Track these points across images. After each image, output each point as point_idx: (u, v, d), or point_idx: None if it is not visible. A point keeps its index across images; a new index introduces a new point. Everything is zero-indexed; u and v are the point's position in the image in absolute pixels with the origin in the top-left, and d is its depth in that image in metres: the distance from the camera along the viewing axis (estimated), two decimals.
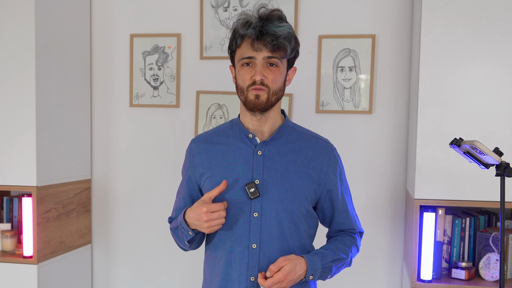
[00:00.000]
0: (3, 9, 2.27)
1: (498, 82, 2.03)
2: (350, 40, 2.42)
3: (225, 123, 1.58)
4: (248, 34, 1.40)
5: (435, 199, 2.09)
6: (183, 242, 1.48)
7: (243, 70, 1.43)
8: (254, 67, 1.41)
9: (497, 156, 1.49)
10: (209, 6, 2.53)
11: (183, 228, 1.45)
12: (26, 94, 2.27)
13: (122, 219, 2.72)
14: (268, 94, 1.41)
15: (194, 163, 1.52)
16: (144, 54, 2.62)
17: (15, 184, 2.31)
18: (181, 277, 2.67)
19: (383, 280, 2.51)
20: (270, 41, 1.37)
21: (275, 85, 1.42)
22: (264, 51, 1.39)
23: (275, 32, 1.37)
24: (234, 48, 1.46)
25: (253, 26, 1.39)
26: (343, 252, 1.49)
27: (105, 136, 2.72)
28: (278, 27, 1.38)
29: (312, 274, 1.42)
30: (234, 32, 1.45)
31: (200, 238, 1.53)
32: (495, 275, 2.13)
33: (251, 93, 1.41)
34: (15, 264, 2.31)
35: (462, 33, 2.04)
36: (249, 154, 1.47)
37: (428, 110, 2.07)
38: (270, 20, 1.40)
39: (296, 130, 1.54)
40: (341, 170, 1.55)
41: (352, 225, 1.57)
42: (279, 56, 1.40)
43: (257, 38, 1.38)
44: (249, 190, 1.40)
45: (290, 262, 1.39)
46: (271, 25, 1.39)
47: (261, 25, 1.39)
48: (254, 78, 1.40)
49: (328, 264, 1.45)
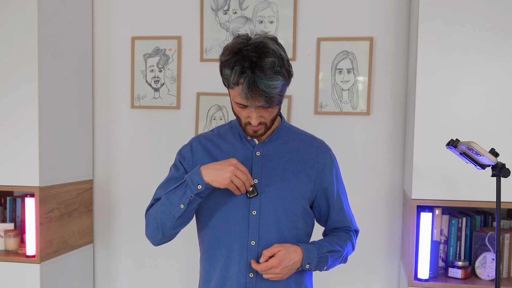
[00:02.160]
0: (6, 12, 2.28)
1: (494, 84, 2.05)
2: (348, 43, 2.44)
3: (224, 125, 1.60)
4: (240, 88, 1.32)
5: (432, 199, 2.10)
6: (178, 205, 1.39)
7: (237, 108, 1.41)
8: (249, 111, 1.39)
9: (493, 157, 1.51)
10: (209, 9, 2.56)
11: (192, 181, 1.37)
12: (29, 96, 2.28)
13: (124, 219, 2.73)
14: (266, 126, 1.44)
15: (193, 160, 1.53)
16: (145, 56, 2.64)
17: (18, 184, 2.32)
18: (182, 276, 2.69)
19: (380, 279, 2.52)
20: (263, 99, 1.33)
21: (270, 118, 1.43)
22: (258, 104, 1.35)
23: (267, 92, 1.31)
24: (226, 84, 1.38)
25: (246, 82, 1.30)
26: (339, 245, 1.51)
27: (107, 137, 2.74)
28: (270, 84, 1.30)
29: (308, 263, 1.44)
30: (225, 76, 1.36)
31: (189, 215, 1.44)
32: (491, 274, 2.14)
33: (248, 129, 1.44)
34: (18, 263, 2.32)
35: (458, 35, 2.05)
36: (248, 154, 1.50)
37: (425, 111, 2.09)
38: (262, 72, 1.30)
39: (293, 131, 1.57)
40: (336, 170, 1.58)
41: (347, 223, 1.59)
42: (274, 105, 1.38)
43: (250, 94, 1.31)
44: (248, 189, 1.42)
45: (284, 248, 1.40)
46: (263, 81, 1.30)
47: (253, 78, 1.30)
48: (250, 122, 1.40)
49: (324, 254, 1.46)
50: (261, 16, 2.50)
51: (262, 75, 1.29)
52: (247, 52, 1.31)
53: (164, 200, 1.42)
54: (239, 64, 1.30)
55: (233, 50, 1.33)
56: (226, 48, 1.36)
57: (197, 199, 1.40)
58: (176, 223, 1.42)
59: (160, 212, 1.43)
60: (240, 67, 1.30)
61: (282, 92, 1.36)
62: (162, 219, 1.43)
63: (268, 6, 2.50)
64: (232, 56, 1.33)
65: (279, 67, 1.32)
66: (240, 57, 1.31)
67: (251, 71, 1.29)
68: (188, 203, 1.38)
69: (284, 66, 1.35)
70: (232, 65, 1.32)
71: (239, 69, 1.30)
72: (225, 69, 1.34)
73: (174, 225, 1.42)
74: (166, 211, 1.41)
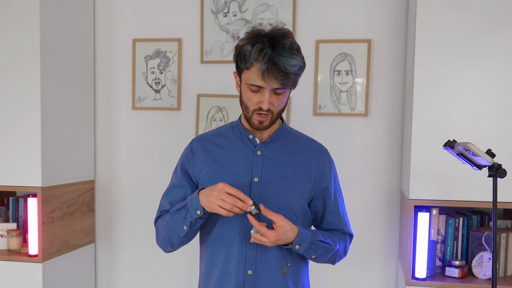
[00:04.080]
0: (9, 14, 2.29)
1: (490, 86, 2.06)
2: (346, 45, 2.46)
3: (225, 125, 1.62)
4: (260, 65, 1.36)
5: (429, 199, 2.12)
6: (181, 226, 1.43)
7: (249, 93, 1.43)
8: (262, 94, 1.41)
9: (489, 158, 1.52)
10: (210, 12, 2.58)
11: (192, 206, 1.40)
12: (31, 97, 2.29)
13: (125, 219, 2.75)
14: (272, 117, 1.46)
15: (194, 160, 1.55)
16: (146, 58, 2.66)
17: (21, 184, 2.33)
18: (182, 275, 2.70)
19: (378, 278, 2.54)
20: (280, 77, 1.36)
21: (279, 108, 1.46)
22: (274, 84, 1.38)
23: (286, 69, 1.35)
24: (242, 67, 1.42)
25: (266, 59, 1.34)
26: (332, 241, 1.52)
27: (108, 138, 2.76)
28: (290, 62, 1.35)
29: (299, 244, 1.43)
30: (244, 54, 1.40)
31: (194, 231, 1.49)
32: (487, 273, 2.16)
33: (255, 117, 1.45)
34: (21, 262, 2.33)
35: (455, 38, 2.07)
36: (249, 153, 1.52)
37: (423, 112, 2.10)
38: (282, 50, 1.35)
39: (293, 134, 1.60)
40: (334, 173, 1.60)
41: (342, 226, 1.60)
42: (287, 87, 1.41)
43: (268, 71, 1.35)
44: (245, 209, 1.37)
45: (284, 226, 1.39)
46: (283, 58, 1.34)
47: (273, 56, 1.34)
48: (261, 106, 1.41)
49: (316, 242, 1.46)
50: (261, 19, 2.53)
51: (282, 53, 1.35)
52: (269, 32, 1.39)
53: (169, 219, 1.48)
54: (261, 41, 1.37)
55: (253, 34, 1.40)
56: (245, 34, 1.43)
57: (198, 221, 1.45)
58: (182, 240, 1.49)
59: (167, 230, 1.49)
60: (261, 44, 1.36)
61: (297, 74, 1.40)
62: (169, 237, 1.50)
63: (268, 8, 2.52)
64: (253, 37, 1.39)
65: (297, 51, 1.39)
66: (262, 37, 1.38)
67: (272, 48, 1.35)
68: (190, 226, 1.44)
69: (300, 53, 1.41)
70: (253, 43, 1.38)
71: (261, 46, 1.36)
72: (246, 46, 1.39)
73: (180, 241, 1.49)
74: (172, 230, 1.47)
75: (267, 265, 1.49)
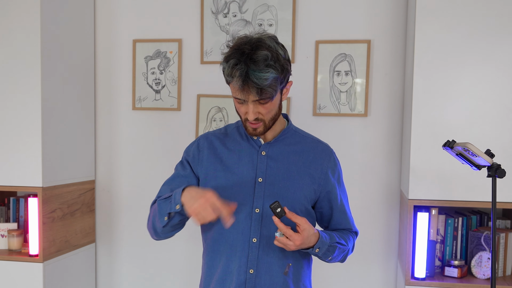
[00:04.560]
0: (10, 15, 2.30)
1: (489, 86, 2.07)
2: (346, 45, 2.47)
3: (231, 124, 1.63)
4: (234, 80, 1.37)
5: (429, 199, 2.12)
6: (162, 216, 1.42)
7: (237, 104, 1.45)
8: (246, 106, 1.42)
9: (488, 158, 1.52)
10: (210, 12, 2.58)
11: (174, 199, 1.39)
12: (32, 98, 2.30)
13: (125, 219, 2.76)
14: (265, 124, 1.46)
15: (199, 157, 1.55)
16: (146, 58, 2.67)
17: (22, 185, 2.34)
18: (182, 274, 2.71)
19: (378, 277, 2.55)
20: (255, 91, 1.36)
21: (269, 115, 1.45)
22: (252, 97, 1.39)
23: (257, 84, 1.35)
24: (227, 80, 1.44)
25: (239, 74, 1.35)
26: (345, 241, 1.55)
27: (109, 138, 2.76)
28: (261, 76, 1.34)
29: (319, 247, 1.44)
30: (223, 70, 1.42)
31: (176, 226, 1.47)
32: (486, 273, 2.16)
33: (248, 126, 1.46)
34: (22, 262, 2.34)
35: (454, 38, 2.07)
36: (254, 154, 1.52)
37: (422, 113, 2.11)
38: (255, 63, 1.35)
39: (299, 134, 1.60)
40: (339, 173, 1.60)
41: (349, 225, 1.63)
42: (266, 98, 1.40)
43: (243, 86, 1.36)
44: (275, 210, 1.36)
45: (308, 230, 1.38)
46: (255, 73, 1.34)
47: (246, 71, 1.34)
48: (247, 117, 1.43)
49: (334, 244, 1.48)
50: (261, 19, 2.54)
51: (255, 67, 1.34)
52: (244, 46, 1.38)
53: (156, 206, 1.47)
54: (235, 57, 1.37)
55: (234, 47, 1.40)
56: (229, 47, 1.43)
57: (177, 216, 1.42)
58: (163, 230, 1.47)
59: (153, 216, 1.49)
60: (235, 60, 1.36)
61: (274, 86, 1.38)
62: (153, 222, 1.49)
63: (268, 9, 2.53)
64: (231, 52, 1.39)
65: (272, 61, 1.37)
66: (237, 51, 1.38)
67: (245, 63, 1.35)
68: (170, 218, 1.42)
69: (278, 61, 1.38)
70: (228, 59, 1.39)
71: (233, 62, 1.36)
72: (223, 63, 1.41)
73: (162, 231, 1.48)
74: (156, 217, 1.47)
75: (269, 264, 1.49)
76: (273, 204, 1.36)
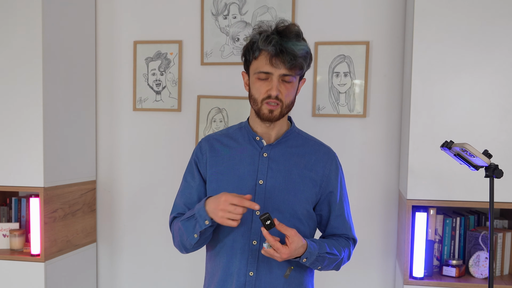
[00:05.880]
0: (12, 17, 2.32)
1: (487, 87, 2.08)
2: (345, 47, 2.49)
3: (233, 126, 1.63)
4: (268, 50, 1.40)
5: (427, 199, 2.13)
6: (192, 235, 1.43)
7: (258, 83, 1.45)
8: (270, 82, 1.43)
9: (486, 158, 1.52)
10: (210, 14, 2.60)
11: (200, 216, 1.40)
12: (34, 99, 2.31)
13: (126, 219, 2.77)
14: (282, 108, 1.46)
15: (203, 159, 1.56)
16: (147, 60, 2.69)
17: (23, 185, 2.35)
18: (183, 274, 2.72)
19: (376, 277, 2.55)
20: (288, 60, 1.39)
21: (288, 99, 1.46)
22: (282, 69, 1.41)
23: (293, 52, 1.39)
24: (251, 58, 1.47)
25: (274, 43, 1.39)
26: (337, 250, 1.52)
27: (110, 139, 2.77)
28: (297, 46, 1.39)
29: (306, 257, 1.43)
30: (252, 44, 1.45)
31: (207, 237, 1.50)
32: (484, 273, 2.17)
33: (265, 107, 1.45)
34: (23, 262, 2.35)
35: (452, 40, 2.08)
36: (255, 155, 1.52)
37: (420, 114, 2.12)
38: (289, 37, 1.41)
39: (302, 136, 1.59)
40: (341, 177, 1.59)
41: (346, 231, 1.60)
42: (294, 73, 1.43)
43: (276, 55, 1.39)
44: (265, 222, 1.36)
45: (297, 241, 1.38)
46: (290, 43, 1.39)
47: (280, 41, 1.39)
48: (270, 93, 1.43)
49: (323, 254, 1.46)
50: (260, 21, 2.55)
51: (288, 40, 1.41)
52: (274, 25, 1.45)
53: (181, 226, 1.48)
54: (267, 30, 1.43)
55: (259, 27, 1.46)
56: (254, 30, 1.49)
57: (209, 229, 1.44)
58: (195, 246, 1.49)
59: (180, 236, 1.50)
60: (268, 32, 1.43)
61: (305, 59, 1.43)
62: (182, 242, 1.50)
63: (267, 11, 2.54)
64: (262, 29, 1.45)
65: (303, 39, 1.45)
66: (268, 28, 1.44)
67: (278, 36, 1.41)
68: (201, 234, 1.44)
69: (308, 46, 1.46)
70: (260, 32, 1.44)
71: (267, 33, 1.42)
72: (254, 36, 1.45)
73: (193, 247, 1.49)
74: (184, 237, 1.48)
75: (269, 267, 1.49)
76: (263, 215, 1.35)
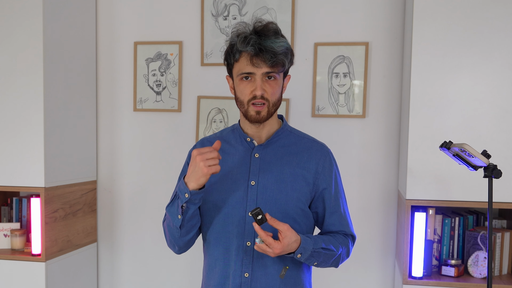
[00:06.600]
0: (12, 18, 2.32)
1: (486, 88, 2.08)
2: (344, 48, 2.49)
3: (226, 128, 1.63)
4: (248, 51, 1.40)
5: (426, 199, 2.13)
6: (176, 216, 1.42)
7: (242, 84, 1.45)
8: (254, 82, 1.43)
9: (485, 159, 1.53)
10: (210, 15, 2.61)
11: (181, 191, 1.39)
12: (34, 99, 2.32)
13: (126, 219, 2.78)
14: (268, 107, 1.45)
15: None
16: (147, 60, 2.69)
17: (24, 185, 2.36)
18: (183, 274, 2.73)
19: (376, 277, 2.56)
20: (269, 57, 1.39)
21: (274, 97, 1.45)
22: (263, 67, 1.41)
23: (273, 49, 1.39)
24: (232, 61, 1.47)
25: (252, 43, 1.39)
26: (334, 246, 1.50)
27: (110, 139, 2.78)
28: (276, 43, 1.39)
29: (301, 253, 1.41)
30: (232, 46, 1.45)
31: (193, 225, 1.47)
32: (483, 272, 2.18)
33: (251, 109, 1.44)
34: (24, 261, 2.36)
35: (451, 40, 2.09)
36: (247, 156, 1.51)
37: (419, 114, 2.12)
38: (267, 35, 1.40)
39: (294, 134, 1.58)
40: (335, 173, 1.57)
41: (343, 227, 1.57)
42: (277, 70, 1.43)
43: (256, 54, 1.39)
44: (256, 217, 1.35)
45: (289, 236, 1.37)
46: (269, 41, 1.39)
47: (259, 41, 1.39)
48: (255, 93, 1.42)
49: (318, 249, 1.44)
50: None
51: (267, 38, 1.41)
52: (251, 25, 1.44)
53: (167, 213, 1.48)
54: (245, 32, 1.43)
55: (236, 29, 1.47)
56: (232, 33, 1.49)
57: (190, 207, 1.41)
58: (182, 232, 1.46)
59: (167, 226, 1.49)
60: (246, 33, 1.42)
61: (286, 55, 1.43)
62: (170, 232, 1.49)
63: (267, 12, 2.55)
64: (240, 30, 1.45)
65: (282, 36, 1.44)
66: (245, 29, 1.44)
67: (256, 35, 1.41)
68: (183, 212, 1.41)
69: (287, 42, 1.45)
70: (238, 34, 1.44)
71: (245, 35, 1.42)
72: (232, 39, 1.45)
73: (181, 234, 1.46)
74: (171, 223, 1.46)
75: (264, 268, 1.48)
76: (254, 210, 1.34)
